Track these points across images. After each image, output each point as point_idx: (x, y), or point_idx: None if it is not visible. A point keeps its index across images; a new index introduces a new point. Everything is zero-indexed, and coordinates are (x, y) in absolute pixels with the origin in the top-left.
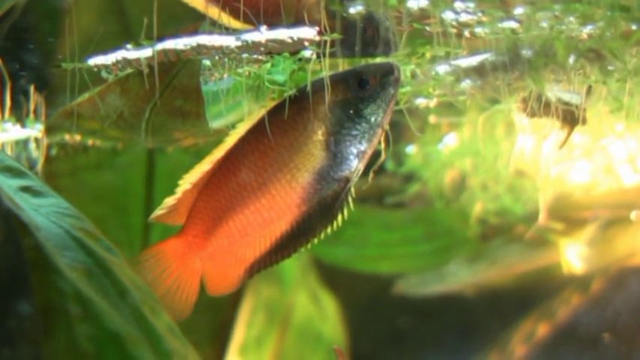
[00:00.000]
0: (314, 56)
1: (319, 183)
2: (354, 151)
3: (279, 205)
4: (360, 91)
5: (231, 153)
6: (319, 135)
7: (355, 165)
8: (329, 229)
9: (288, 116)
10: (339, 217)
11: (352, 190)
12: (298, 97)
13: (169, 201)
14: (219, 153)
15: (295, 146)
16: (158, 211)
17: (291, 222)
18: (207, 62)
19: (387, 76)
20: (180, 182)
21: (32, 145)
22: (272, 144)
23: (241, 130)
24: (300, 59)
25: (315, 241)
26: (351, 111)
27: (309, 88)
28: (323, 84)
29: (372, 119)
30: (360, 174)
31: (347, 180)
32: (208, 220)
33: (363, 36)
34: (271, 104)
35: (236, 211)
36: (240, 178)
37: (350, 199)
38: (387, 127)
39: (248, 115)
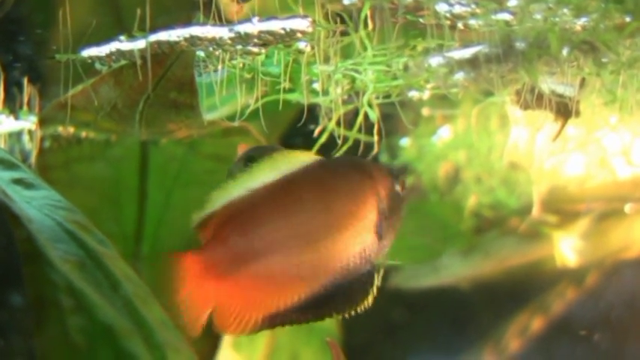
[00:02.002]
0: (308, 48)
1: (358, 260)
2: (388, 240)
3: (315, 265)
4: (398, 191)
5: (274, 190)
6: (373, 215)
7: (383, 253)
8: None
9: (348, 180)
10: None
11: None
12: (357, 164)
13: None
14: (255, 179)
15: (350, 218)
16: (207, 210)
17: (324, 286)
18: (201, 54)
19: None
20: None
21: (26, 137)
22: (326, 202)
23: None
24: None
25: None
26: (395, 203)
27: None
28: (379, 166)
29: (401, 215)
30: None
31: (374, 266)
32: (238, 252)
33: None
34: (324, 159)
35: (266, 257)
36: (285, 224)
37: (375, 288)
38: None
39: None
